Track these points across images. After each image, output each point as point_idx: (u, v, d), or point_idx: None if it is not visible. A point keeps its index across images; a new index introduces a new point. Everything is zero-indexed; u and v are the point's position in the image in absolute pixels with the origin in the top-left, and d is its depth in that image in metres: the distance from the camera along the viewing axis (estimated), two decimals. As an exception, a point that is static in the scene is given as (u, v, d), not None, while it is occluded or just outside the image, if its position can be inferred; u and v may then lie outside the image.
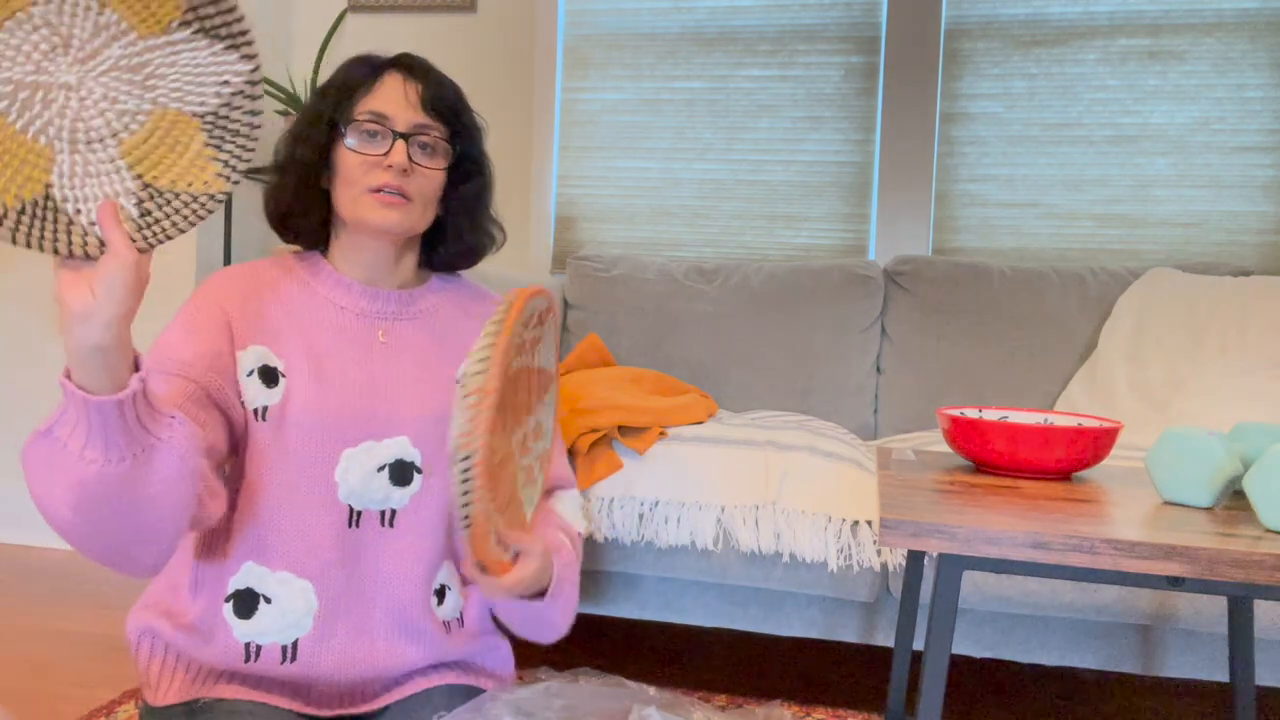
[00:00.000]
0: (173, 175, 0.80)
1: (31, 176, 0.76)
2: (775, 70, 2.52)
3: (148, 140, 0.79)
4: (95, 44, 0.76)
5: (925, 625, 1.58)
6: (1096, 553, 0.86)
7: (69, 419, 0.78)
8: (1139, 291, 2.06)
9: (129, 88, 0.78)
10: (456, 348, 1.13)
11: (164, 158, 0.79)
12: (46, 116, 0.76)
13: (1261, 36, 2.26)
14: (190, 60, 0.78)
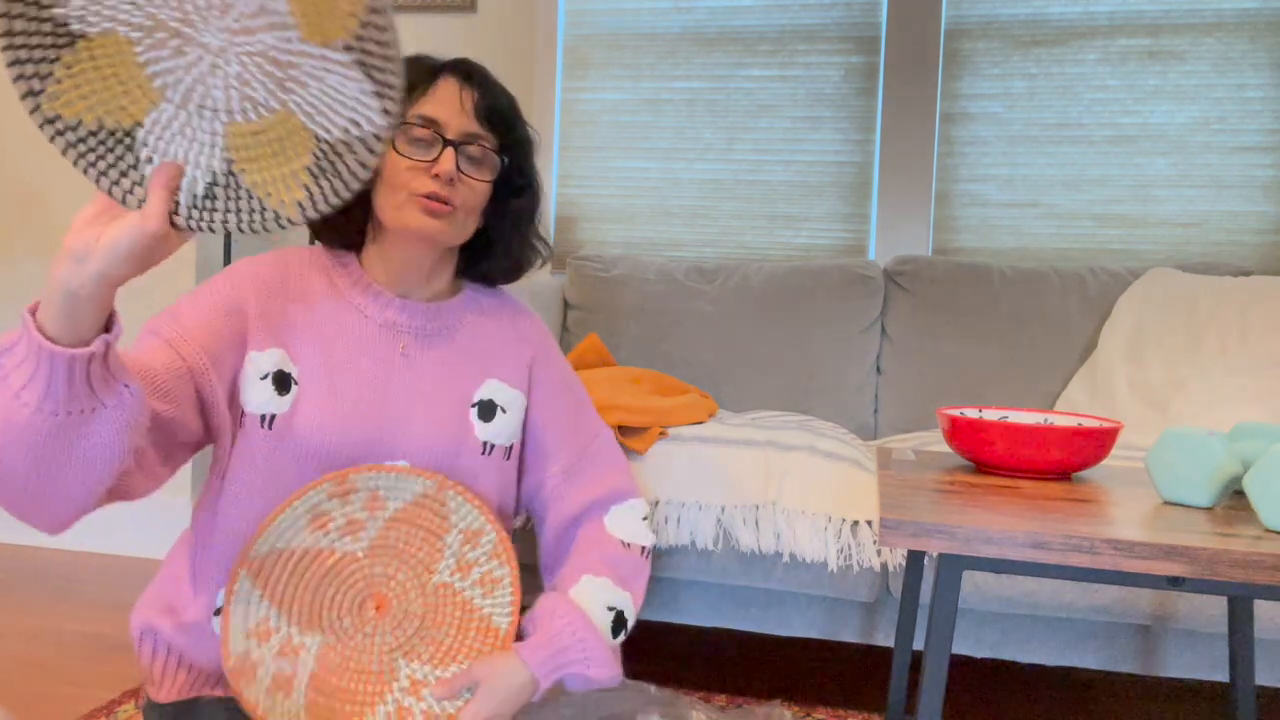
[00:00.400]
0: (260, 177, 0.78)
1: (125, 108, 0.75)
2: (775, 70, 2.52)
3: (258, 135, 0.77)
4: (255, 23, 0.73)
5: (925, 625, 1.58)
6: (1096, 553, 0.86)
7: (18, 353, 0.75)
8: (1139, 291, 2.06)
9: (266, 79, 0.75)
10: (481, 364, 1.10)
11: (263, 158, 0.78)
12: (173, 65, 0.74)
13: (1261, 36, 2.26)
14: (337, 85, 0.75)
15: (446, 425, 1.05)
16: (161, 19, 0.73)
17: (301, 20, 0.73)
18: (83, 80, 0.72)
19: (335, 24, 0.74)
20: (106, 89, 0.73)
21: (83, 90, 0.72)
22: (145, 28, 0.73)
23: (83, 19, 0.70)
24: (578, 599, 1.05)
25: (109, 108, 0.74)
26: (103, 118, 0.74)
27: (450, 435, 1.05)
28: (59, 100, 0.71)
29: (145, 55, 0.73)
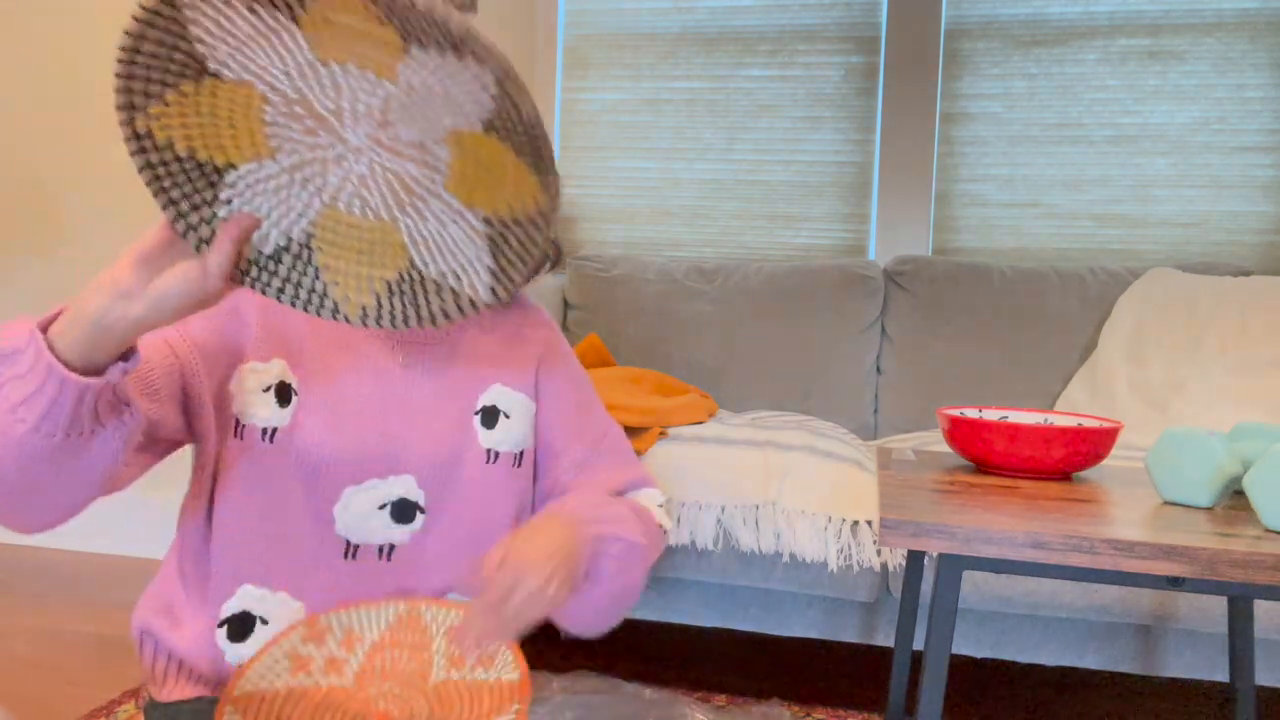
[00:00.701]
0: (336, 264, 0.75)
1: (225, 148, 0.71)
2: (775, 70, 2.52)
3: (353, 228, 0.75)
4: (407, 150, 0.71)
5: (925, 625, 1.58)
6: (1096, 553, 0.86)
7: (19, 366, 0.70)
8: (1139, 291, 2.06)
9: (389, 193, 0.73)
10: (485, 369, 1.06)
11: (347, 249, 0.75)
12: (298, 138, 0.71)
13: (1261, 36, 2.26)
14: (458, 238, 0.73)
15: (447, 435, 1.01)
16: (309, 100, 0.69)
17: (456, 173, 0.71)
18: (191, 110, 0.68)
19: (492, 197, 0.71)
20: (214, 125, 0.70)
21: (187, 118, 0.68)
22: (286, 97, 0.69)
23: (224, 64, 0.66)
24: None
25: (208, 141, 0.70)
26: (196, 148, 0.70)
27: (451, 445, 1.01)
28: (157, 121, 0.67)
29: (273, 116, 0.70)
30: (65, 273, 2.51)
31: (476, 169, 0.70)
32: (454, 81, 0.65)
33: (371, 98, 0.68)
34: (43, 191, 2.52)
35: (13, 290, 2.55)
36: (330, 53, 0.66)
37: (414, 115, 0.69)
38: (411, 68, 0.66)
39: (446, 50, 0.64)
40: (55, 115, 2.50)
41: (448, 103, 0.67)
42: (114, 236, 2.48)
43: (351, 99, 0.68)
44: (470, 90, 0.66)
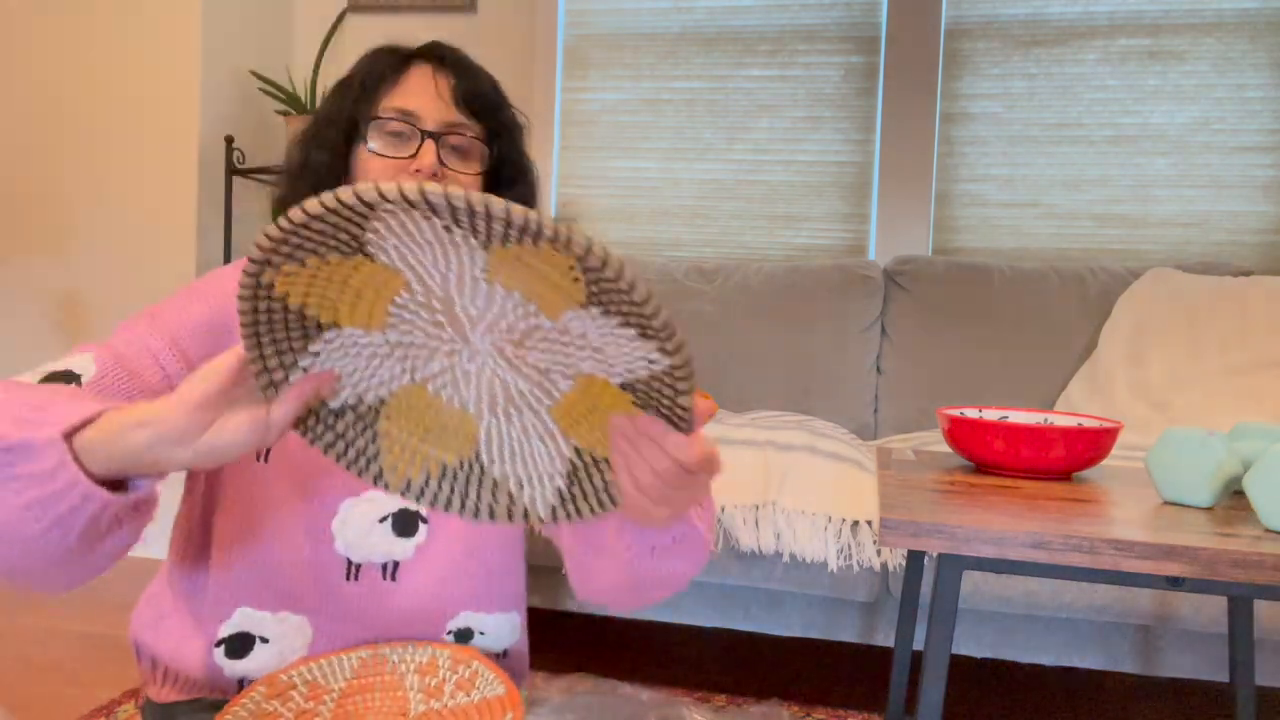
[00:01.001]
0: (397, 432, 0.72)
1: (337, 309, 0.67)
2: (775, 70, 2.52)
3: (430, 407, 0.71)
4: (527, 372, 0.68)
5: (925, 625, 1.58)
6: (1096, 553, 0.86)
7: (41, 463, 0.65)
8: (1139, 291, 2.05)
9: (485, 394, 0.70)
10: None
11: (414, 424, 0.72)
12: (421, 325, 0.67)
13: (1261, 36, 2.26)
14: (539, 454, 0.70)
15: None
16: (453, 300, 0.65)
17: (568, 404, 0.68)
18: (325, 277, 0.64)
19: (594, 438, 0.69)
20: (340, 292, 0.65)
21: (316, 282, 0.64)
22: (431, 293, 0.64)
23: (385, 252, 0.62)
24: None
25: (325, 301, 0.66)
26: (310, 304, 0.65)
27: None
28: (287, 278, 0.63)
29: (405, 301, 0.66)
30: (73, 275, 2.51)
31: (592, 410, 0.67)
32: (617, 344, 0.62)
33: (519, 320, 0.64)
34: (51, 194, 2.52)
35: (22, 292, 2.55)
36: (502, 278, 0.62)
37: (554, 350, 0.65)
38: (580, 319, 0.62)
39: (633, 330, 0.61)
40: (63, 118, 2.50)
41: (597, 355, 0.64)
42: (121, 239, 2.48)
43: (498, 314, 0.64)
44: (629, 359, 0.63)
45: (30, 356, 2.54)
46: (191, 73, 2.42)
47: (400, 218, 0.58)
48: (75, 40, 2.47)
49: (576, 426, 0.69)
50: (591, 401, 0.67)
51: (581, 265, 0.57)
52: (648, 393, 0.64)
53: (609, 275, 0.56)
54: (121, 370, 0.86)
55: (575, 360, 0.65)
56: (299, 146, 0.98)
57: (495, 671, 0.95)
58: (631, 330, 0.61)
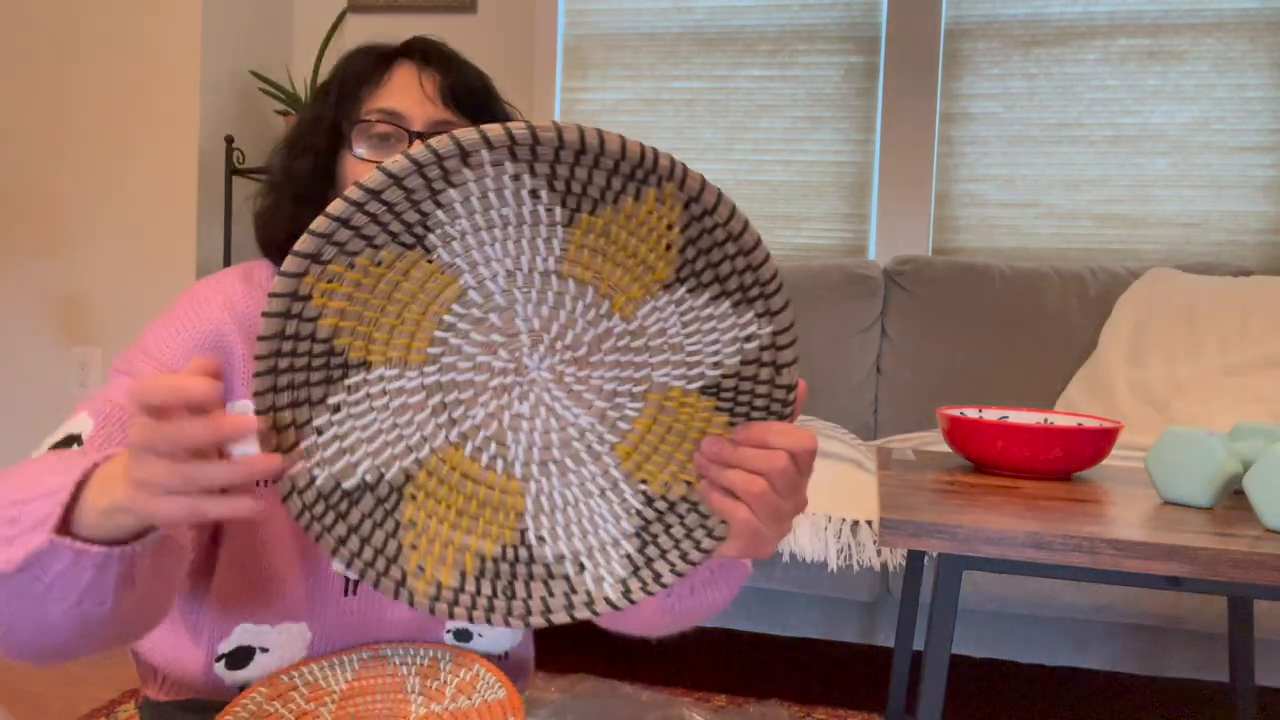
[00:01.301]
0: (424, 521, 0.60)
1: (370, 343, 0.57)
2: (775, 70, 2.52)
3: (467, 479, 0.61)
4: (582, 411, 0.60)
5: (925, 625, 1.58)
6: (1096, 553, 0.86)
7: (41, 561, 0.59)
8: (1139, 291, 2.06)
9: (538, 443, 0.60)
10: None
11: (447, 508, 0.61)
12: (470, 357, 0.59)
13: (1261, 36, 2.26)
14: (602, 515, 0.61)
15: None
16: (514, 309, 0.57)
17: (637, 437, 0.61)
18: (369, 286, 0.55)
19: (666, 471, 0.61)
20: (378, 312, 0.56)
21: (357, 296, 0.55)
22: (490, 300, 0.57)
23: (449, 243, 0.55)
24: None
25: (357, 327, 0.56)
26: (341, 330, 0.55)
27: None
28: (328, 283, 0.53)
29: (455, 319, 0.57)
30: (73, 275, 2.51)
31: (666, 434, 0.60)
32: (705, 330, 0.57)
33: (588, 328, 0.58)
34: (50, 194, 2.52)
35: (22, 292, 2.55)
36: (576, 268, 0.56)
37: (624, 362, 0.59)
38: (658, 309, 0.57)
39: (728, 301, 0.55)
40: (63, 118, 2.50)
41: (676, 356, 0.58)
42: (121, 239, 2.48)
43: (564, 323, 0.58)
44: (720, 344, 0.57)
45: (29, 357, 2.54)
46: (191, 73, 2.41)
47: (485, 182, 0.52)
48: (75, 40, 2.47)
49: (646, 464, 0.61)
50: (665, 425, 0.60)
51: (687, 216, 0.52)
52: (737, 388, 0.58)
53: (719, 218, 0.52)
54: (119, 421, 0.80)
55: (647, 372, 0.59)
56: (280, 154, 0.93)
57: (496, 674, 0.95)
58: (726, 303, 0.56)
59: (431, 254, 0.55)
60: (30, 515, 0.61)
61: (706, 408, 0.59)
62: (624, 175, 0.51)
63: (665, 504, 0.61)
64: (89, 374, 2.49)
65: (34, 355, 2.53)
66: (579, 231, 0.55)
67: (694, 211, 0.52)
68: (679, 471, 0.60)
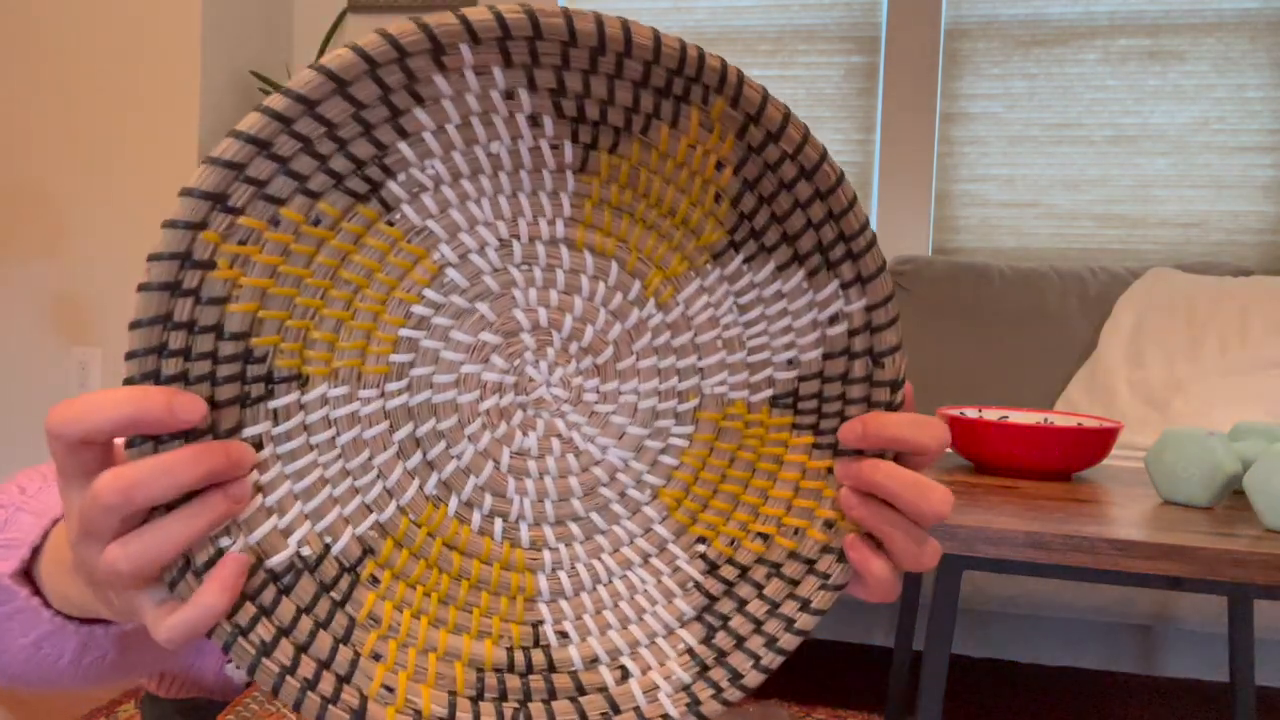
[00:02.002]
0: (396, 615, 0.40)
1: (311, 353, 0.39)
2: (775, 70, 2.52)
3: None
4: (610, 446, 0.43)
5: (925, 625, 1.58)
6: (1096, 553, 0.86)
7: (16, 605, 0.50)
8: (1139, 291, 2.06)
9: (553, 496, 0.43)
10: None
11: (425, 596, 0.41)
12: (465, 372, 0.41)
13: (1261, 36, 2.26)
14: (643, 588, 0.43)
15: None
16: (512, 294, 0.41)
17: (682, 483, 0.43)
18: (299, 256, 0.37)
19: (730, 520, 0.43)
20: (316, 292, 0.38)
21: (284, 274, 0.37)
22: (476, 279, 0.41)
23: (416, 185, 0.38)
24: None
25: (286, 323, 0.38)
26: (259, 326, 0.37)
27: None
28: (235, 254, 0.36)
29: (427, 308, 0.40)
30: (71, 275, 2.51)
31: (728, 468, 0.44)
32: (765, 318, 0.42)
33: (612, 323, 0.42)
34: (49, 193, 2.52)
35: (20, 292, 2.55)
36: (594, 234, 0.41)
37: (664, 367, 0.43)
38: (706, 289, 0.42)
39: (803, 268, 0.41)
40: (62, 117, 2.50)
41: (732, 355, 0.43)
42: (120, 239, 2.48)
43: (579, 318, 0.42)
44: (796, 331, 0.42)
45: (29, 357, 2.54)
46: (191, 73, 2.42)
47: (467, 100, 0.37)
48: (74, 39, 2.48)
49: (703, 514, 0.44)
50: (726, 456, 0.44)
51: (743, 147, 0.38)
52: (821, 394, 0.42)
53: (787, 147, 0.37)
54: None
55: (696, 381, 0.43)
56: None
57: None
58: (799, 272, 0.41)
59: (393, 212, 0.39)
60: (13, 527, 0.52)
61: (781, 425, 0.43)
62: (656, 88, 0.37)
63: (736, 570, 0.43)
64: (89, 374, 2.49)
65: (34, 355, 2.54)
66: (596, 179, 0.40)
67: (753, 139, 0.38)
68: (751, 521, 0.43)
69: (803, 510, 0.42)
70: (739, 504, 0.44)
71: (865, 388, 0.41)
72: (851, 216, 0.38)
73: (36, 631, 0.51)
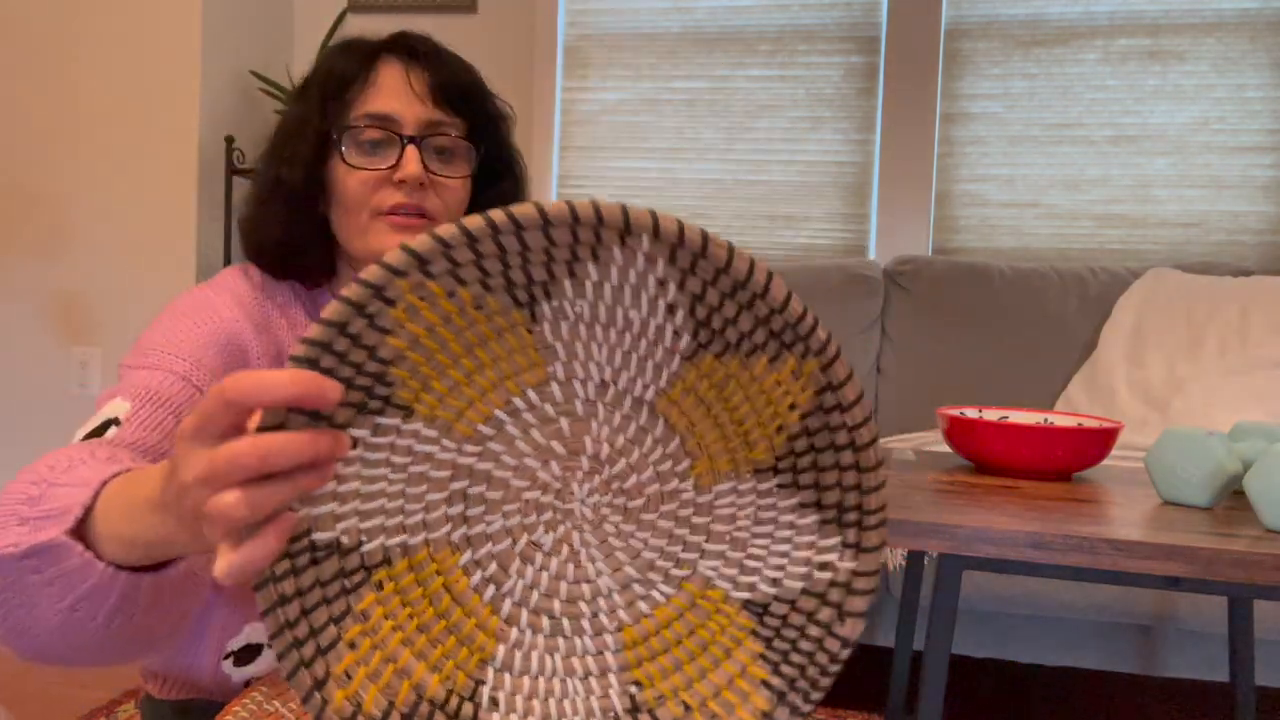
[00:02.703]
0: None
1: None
2: (775, 70, 2.52)
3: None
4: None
5: (925, 625, 1.58)
6: (1096, 553, 0.86)
7: (62, 567, 0.56)
8: (1139, 291, 2.06)
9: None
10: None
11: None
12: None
13: (1261, 36, 2.26)
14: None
15: None
16: (584, 425, 0.49)
17: (645, 631, 0.51)
18: (454, 326, 0.46)
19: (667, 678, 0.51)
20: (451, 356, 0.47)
21: (437, 334, 0.46)
22: (567, 402, 0.49)
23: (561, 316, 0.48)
24: None
25: (422, 364, 0.47)
26: (399, 360, 0.46)
27: None
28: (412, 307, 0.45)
29: (519, 406, 0.49)
30: (72, 275, 2.51)
31: (685, 636, 0.51)
32: (778, 537, 0.49)
33: (654, 480, 0.50)
34: (50, 193, 2.52)
35: (21, 292, 2.55)
36: (674, 410, 0.49)
37: (677, 534, 0.50)
38: (738, 492, 0.50)
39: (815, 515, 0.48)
40: (62, 117, 2.50)
41: (733, 552, 0.50)
42: (121, 239, 2.48)
43: (634, 463, 0.50)
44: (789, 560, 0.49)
45: (29, 357, 2.54)
46: (191, 73, 2.42)
47: (630, 273, 0.45)
48: (75, 40, 2.48)
49: (649, 664, 0.51)
50: (688, 627, 0.51)
51: (815, 403, 0.46)
52: (785, 620, 0.49)
53: (850, 420, 0.45)
54: (157, 404, 0.78)
55: (696, 558, 0.50)
56: (267, 162, 0.89)
57: None
58: (814, 517, 0.48)
59: (536, 324, 0.47)
60: (51, 500, 0.58)
61: (743, 627, 0.50)
62: (771, 330, 0.45)
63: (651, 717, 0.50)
64: (89, 374, 2.49)
65: (34, 355, 2.54)
66: (695, 371, 0.48)
67: (826, 403, 0.46)
68: (682, 688, 0.50)
69: (726, 703, 0.49)
70: (680, 669, 0.51)
71: (822, 634, 0.48)
72: (875, 496, 0.46)
73: (75, 593, 0.56)
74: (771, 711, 0.49)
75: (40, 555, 0.56)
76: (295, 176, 0.87)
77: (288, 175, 0.87)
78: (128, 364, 0.83)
